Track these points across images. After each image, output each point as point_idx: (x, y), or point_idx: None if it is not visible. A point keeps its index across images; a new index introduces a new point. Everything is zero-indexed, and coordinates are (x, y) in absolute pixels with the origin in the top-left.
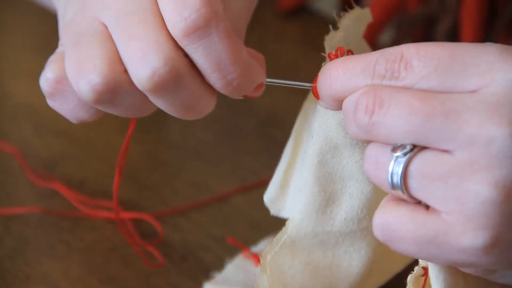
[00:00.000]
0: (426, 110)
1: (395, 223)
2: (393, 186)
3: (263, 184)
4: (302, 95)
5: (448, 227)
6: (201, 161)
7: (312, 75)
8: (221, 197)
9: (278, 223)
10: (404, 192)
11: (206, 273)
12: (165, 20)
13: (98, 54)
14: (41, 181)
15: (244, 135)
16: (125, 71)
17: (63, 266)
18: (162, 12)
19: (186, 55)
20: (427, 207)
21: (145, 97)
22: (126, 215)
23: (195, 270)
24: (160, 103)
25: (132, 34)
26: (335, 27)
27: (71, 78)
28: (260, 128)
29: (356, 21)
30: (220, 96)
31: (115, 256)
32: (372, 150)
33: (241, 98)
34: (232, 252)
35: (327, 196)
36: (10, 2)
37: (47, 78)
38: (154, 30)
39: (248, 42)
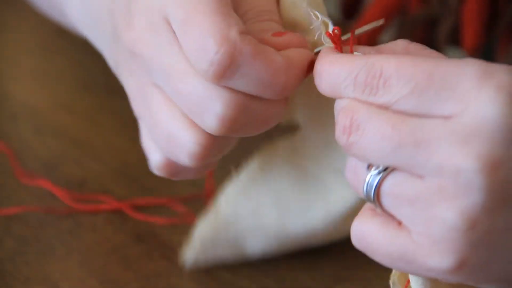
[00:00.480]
0: (397, 138)
1: (369, 235)
2: (368, 199)
3: None
4: None
5: (416, 247)
6: None
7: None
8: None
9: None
10: (377, 206)
11: (206, 273)
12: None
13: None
14: (31, 181)
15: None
16: None
17: (63, 267)
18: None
19: None
20: (400, 222)
21: None
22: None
23: (195, 271)
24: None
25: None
26: None
27: None
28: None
29: None
30: None
31: (116, 257)
32: (352, 160)
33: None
34: None
35: None
36: (10, 2)
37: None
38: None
39: None
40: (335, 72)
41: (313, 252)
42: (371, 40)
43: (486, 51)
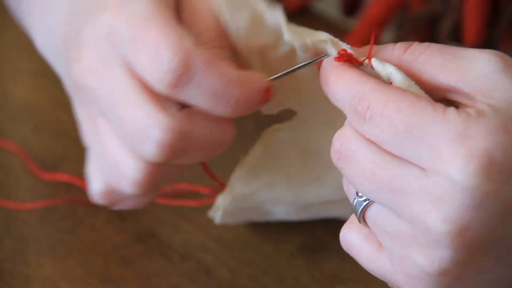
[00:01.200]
0: (376, 182)
1: (354, 247)
2: (355, 214)
3: None
4: None
5: (394, 273)
6: None
7: None
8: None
9: (279, 222)
10: (363, 224)
11: (206, 273)
12: (148, 83)
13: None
14: (47, 176)
15: (244, 134)
16: None
17: (63, 266)
18: (142, 77)
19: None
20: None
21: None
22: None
23: (195, 271)
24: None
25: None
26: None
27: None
28: (260, 127)
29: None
30: None
31: (116, 256)
32: None
33: (259, 109)
34: (232, 252)
35: None
36: None
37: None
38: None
39: None
40: (335, 90)
41: (313, 252)
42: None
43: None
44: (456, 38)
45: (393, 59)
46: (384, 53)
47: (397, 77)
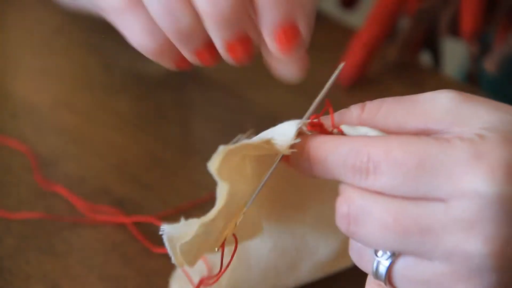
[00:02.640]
0: (401, 228)
1: None
2: (377, 278)
3: None
4: (301, 93)
5: None
6: (200, 159)
7: (312, 75)
8: None
9: None
10: (388, 286)
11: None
12: None
13: None
14: (44, 183)
15: (244, 132)
16: None
17: (63, 264)
18: None
19: None
20: None
21: None
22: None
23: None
24: None
25: None
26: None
27: None
28: (259, 126)
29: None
30: (219, 94)
31: (116, 255)
32: (355, 242)
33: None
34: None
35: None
36: (10, 1)
37: None
38: None
39: None
40: (322, 160)
41: None
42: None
43: (485, 40)
44: (454, 31)
45: (354, 122)
46: (344, 119)
47: (374, 134)
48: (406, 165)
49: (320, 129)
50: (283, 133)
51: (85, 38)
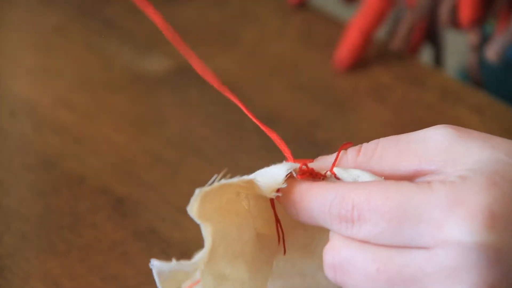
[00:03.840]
0: (384, 279)
1: None
2: None
3: None
4: (302, 93)
5: None
6: (200, 158)
7: (312, 74)
8: None
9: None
10: None
11: None
12: None
13: None
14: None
15: (244, 132)
16: None
17: (63, 263)
18: None
19: None
20: None
21: None
22: None
23: None
24: None
25: None
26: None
27: None
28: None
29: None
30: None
31: (116, 253)
32: None
33: None
34: None
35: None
36: (10, 0)
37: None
38: None
39: (247, 39)
40: (308, 207)
41: None
42: (367, 36)
43: (485, 32)
44: (455, 23)
45: (350, 165)
46: (340, 163)
47: (365, 177)
48: (388, 213)
49: (310, 176)
50: (271, 176)
51: (85, 36)
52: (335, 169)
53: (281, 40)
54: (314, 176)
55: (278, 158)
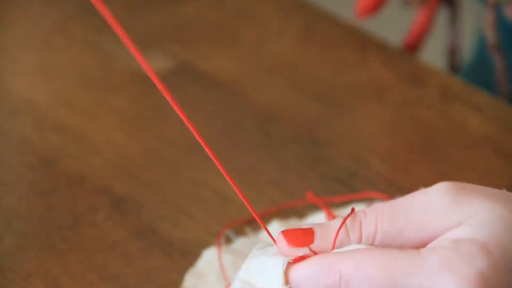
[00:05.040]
0: None
1: None
2: None
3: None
4: (302, 92)
5: None
6: (200, 157)
7: (311, 73)
8: (221, 193)
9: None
10: None
11: None
12: None
13: None
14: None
15: (244, 131)
16: None
17: (63, 262)
18: None
19: None
20: None
21: None
22: None
23: None
24: None
25: None
26: None
27: None
28: (260, 125)
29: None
30: (219, 93)
31: (116, 253)
32: None
33: None
34: None
35: None
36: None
37: None
38: None
39: (247, 39)
40: (298, 277)
41: None
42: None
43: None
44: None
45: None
46: (341, 244)
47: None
48: (376, 281)
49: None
50: (269, 279)
51: (85, 36)
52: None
53: (281, 39)
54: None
55: (278, 158)
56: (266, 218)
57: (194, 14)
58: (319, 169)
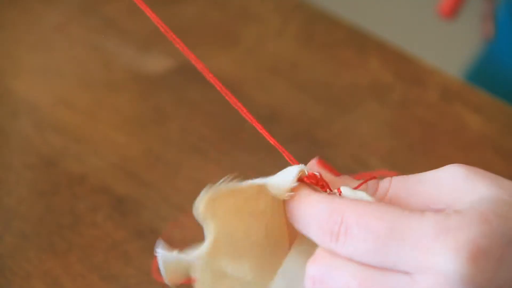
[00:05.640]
0: None
1: None
2: None
3: None
4: (302, 92)
5: None
6: (200, 157)
7: (311, 73)
8: None
9: None
10: None
11: None
12: None
13: None
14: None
15: (244, 132)
16: None
17: (63, 263)
18: None
19: None
20: None
21: None
22: None
23: None
24: None
25: None
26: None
27: None
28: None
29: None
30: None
31: (116, 253)
32: None
33: None
34: None
35: None
36: (10, 0)
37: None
38: None
39: (247, 39)
40: (302, 214)
41: None
42: None
43: None
44: None
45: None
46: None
47: (369, 200)
48: (376, 232)
49: (315, 183)
50: (283, 177)
51: (86, 36)
52: (343, 188)
53: (281, 40)
54: (321, 186)
55: (278, 158)
56: None
57: (194, 14)
58: None
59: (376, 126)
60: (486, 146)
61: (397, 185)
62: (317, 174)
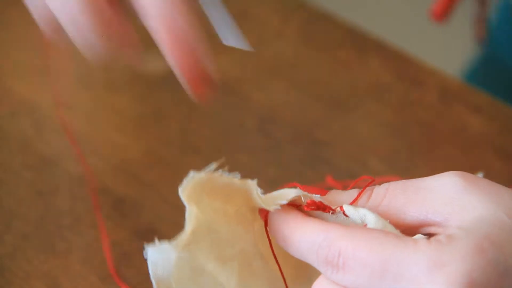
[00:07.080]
0: None
1: None
2: None
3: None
4: (302, 92)
5: None
6: (201, 158)
7: (311, 73)
8: None
9: None
10: None
11: None
12: None
13: None
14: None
15: (243, 132)
16: None
17: (63, 263)
18: None
19: None
20: None
21: None
22: None
23: None
24: None
25: None
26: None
27: None
28: (259, 125)
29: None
30: (219, 93)
31: (116, 253)
32: None
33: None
34: None
35: None
36: (10, 0)
37: None
38: None
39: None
40: (298, 241)
41: None
42: None
43: None
44: None
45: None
46: (348, 201)
47: (371, 218)
48: (371, 266)
49: (316, 209)
50: (278, 192)
51: None
52: (345, 206)
53: (281, 40)
54: (323, 209)
55: (278, 158)
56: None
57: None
58: (319, 169)
59: (376, 126)
60: (486, 146)
61: (394, 192)
62: (316, 198)
